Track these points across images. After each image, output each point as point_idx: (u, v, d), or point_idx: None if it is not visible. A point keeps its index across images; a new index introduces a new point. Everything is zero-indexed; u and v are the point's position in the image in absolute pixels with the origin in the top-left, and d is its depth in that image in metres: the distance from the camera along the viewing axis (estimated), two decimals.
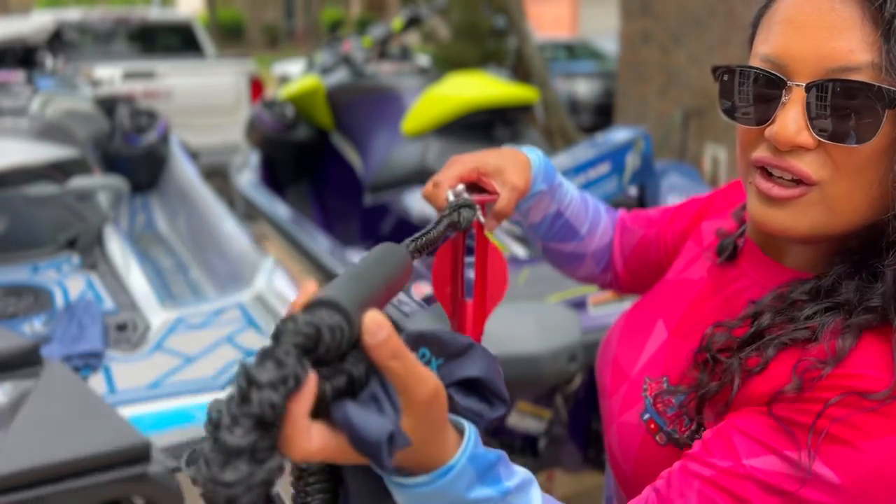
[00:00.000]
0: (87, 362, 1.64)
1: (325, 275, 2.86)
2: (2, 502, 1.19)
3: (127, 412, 1.47)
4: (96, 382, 1.59)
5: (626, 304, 1.02)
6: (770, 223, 0.64)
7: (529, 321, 1.87)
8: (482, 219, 0.77)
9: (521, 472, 0.57)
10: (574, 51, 11.13)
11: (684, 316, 0.79)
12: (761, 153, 0.64)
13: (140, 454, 1.30)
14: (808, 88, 0.60)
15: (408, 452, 0.49)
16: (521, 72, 7.00)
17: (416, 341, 0.54)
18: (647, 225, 0.98)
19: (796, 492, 0.57)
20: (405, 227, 2.74)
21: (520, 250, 2.31)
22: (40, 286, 2.08)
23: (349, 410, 0.45)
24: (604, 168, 2.27)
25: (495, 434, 0.82)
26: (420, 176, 2.88)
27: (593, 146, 2.32)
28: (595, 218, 0.97)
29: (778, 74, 0.62)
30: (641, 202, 2.37)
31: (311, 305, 0.45)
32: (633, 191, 2.42)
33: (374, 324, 0.45)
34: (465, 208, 0.74)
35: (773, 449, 0.59)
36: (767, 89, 0.63)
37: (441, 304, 0.78)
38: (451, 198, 0.75)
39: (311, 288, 0.49)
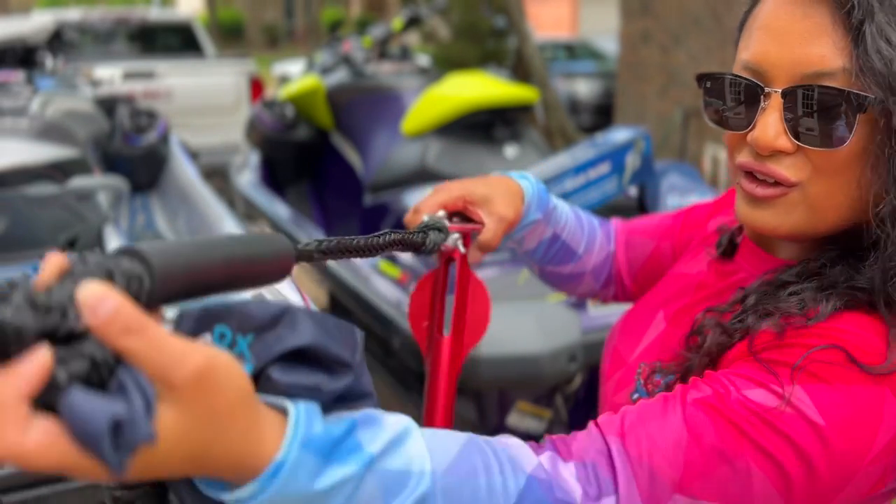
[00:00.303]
0: None
1: (326, 275, 2.87)
2: (2, 502, 1.19)
3: None
4: None
5: (627, 305, 1.02)
6: (756, 223, 0.67)
7: (529, 321, 1.87)
8: (462, 248, 0.76)
9: (390, 425, 0.48)
10: (574, 51, 11.13)
11: (682, 307, 0.80)
12: (744, 158, 0.66)
13: None
14: (784, 94, 0.62)
15: (208, 458, 0.40)
16: (521, 72, 7.00)
17: (208, 319, 0.43)
18: (660, 237, 0.97)
19: (783, 428, 0.57)
20: (405, 227, 2.74)
21: None
22: None
23: (73, 396, 0.34)
24: (604, 168, 2.27)
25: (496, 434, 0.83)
26: (420, 176, 2.88)
27: (593, 146, 2.32)
28: (591, 235, 0.97)
29: (756, 82, 0.64)
30: (641, 202, 2.37)
31: (113, 253, 0.38)
32: (633, 191, 2.42)
33: (93, 296, 0.35)
34: (434, 231, 0.72)
35: (762, 383, 0.59)
36: (748, 96, 0.65)
37: (417, 338, 0.76)
38: (425, 219, 0.74)
39: (57, 259, 0.40)
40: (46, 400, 0.34)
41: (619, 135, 2.38)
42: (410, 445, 0.49)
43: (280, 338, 0.44)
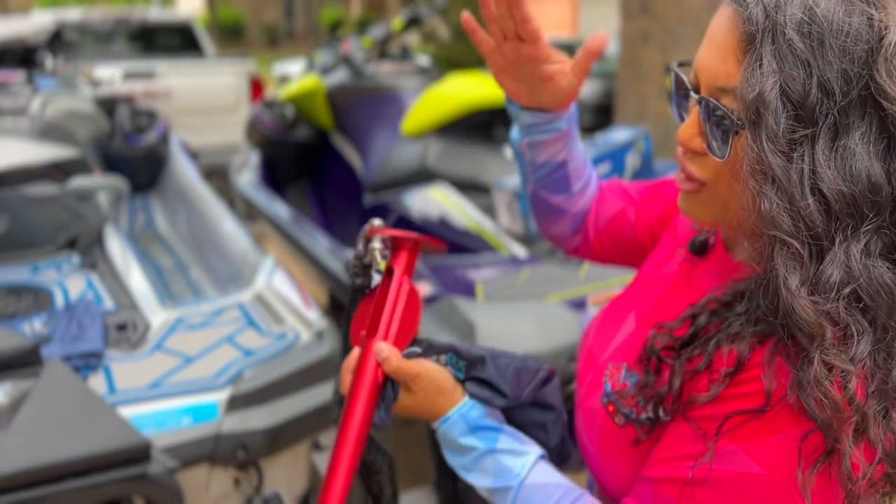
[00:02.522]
0: (87, 362, 1.64)
1: (326, 275, 2.86)
2: (2, 502, 1.19)
3: (127, 412, 1.47)
4: (96, 382, 1.59)
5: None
6: (680, 207, 0.73)
7: (529, 321, 1.88)
8: (379, 262, 0.84)
9: (522, 443, 0.78)
10: (574, 51, 11.06)
11: (652, 308, 0.83)
12: (679, 148, 0.71)
13: (140, 454, 1.30)
14: (698, 101, 0.66)
15: (420, 412, 0.80)
16: None
17: (445, 349, 0.82)
18: (627, 201, 1.01)
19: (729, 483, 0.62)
20: (405, 227, 2.74)
21: (520, 250, 2.32)
22: (40, 286, 2.08)
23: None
24: (604, 168, 2.27)
25: None
26: (420, 176, 2.88)
27: (593, 146, 2.32)
28: (588, 180, 1.02)
29: (687, 84, 0.69)
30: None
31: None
32: None
33: (381, 351, 0.79)
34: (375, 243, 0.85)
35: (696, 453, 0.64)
36: (684, 95, 0.71)
37: (356, 346, 0.83)
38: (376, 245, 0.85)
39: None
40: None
41: (619, 135, 2.38)
42: (525, 460, 0.77)
43: (476, 369, 0.81)
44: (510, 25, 0.84)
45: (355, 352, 0.82)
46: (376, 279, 0.85)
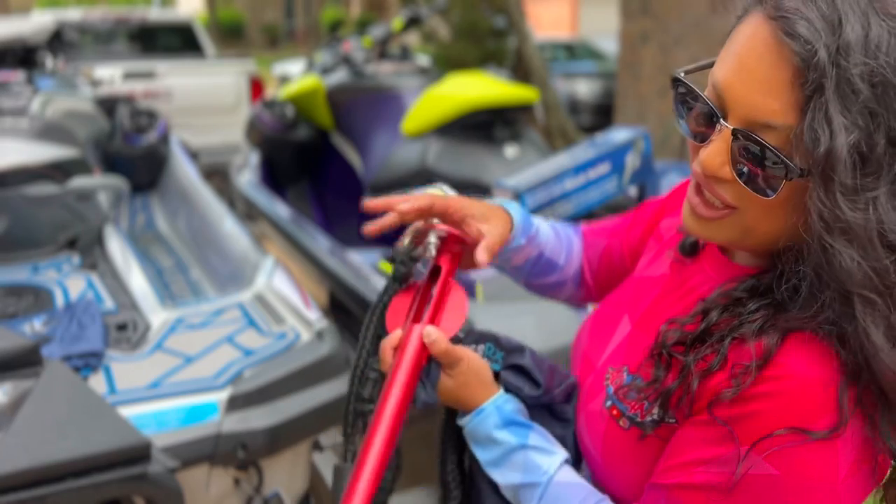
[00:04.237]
0: (87, 362, 1.64)
1: (326, 275, 2.86)
2: (2, 502, 1.19)
3: (127, 412, 1.47)
4: (96, 382, 1.59)
5: None
6: (691, 230, 0.72)
7: (529, 321, 1.88)
8: (434, 250, 0.84)
9: (554, 450, 0.79)
10: (574, 51, 11.12)
11: (647, 310, 0.83)
12: (696, 167, 0.68)
13: (140, 454, 1.30)
14: (734, 133, 0.63)
15: (457, 400, 0.80)
16: (521, 72, 6.99)
17: (483, 337, 0.85)
18: (610, 235, 1.02)
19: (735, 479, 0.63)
20: (405, 227, 2.74)
21: None
22: (40, 286, 2.08)
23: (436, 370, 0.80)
24: (604, 168, 2.27)
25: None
26: (420, 176, 2.88)
27: (593, 146, 2.32)
28: (568, 245, 1.02)
29: (715, 109, 0.65)
30: (641, 202, 2.37)
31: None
32: (633, 191, 2.42)
33: (429, 334, 0.78)
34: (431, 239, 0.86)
35: (716, 458, 0.64)
36: (707, 117, 0.67)
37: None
38: (432, 239, 0.86)
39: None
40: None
41: (618, 135, 2.38)
42: (554, 459, 0.78)
43: (514, 357, 0.84)
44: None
45: (398, 332, 0.80)
46: (418, 275, 0.86)
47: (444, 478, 0.89)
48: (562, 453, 0.79)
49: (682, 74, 0.71)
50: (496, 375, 0.84)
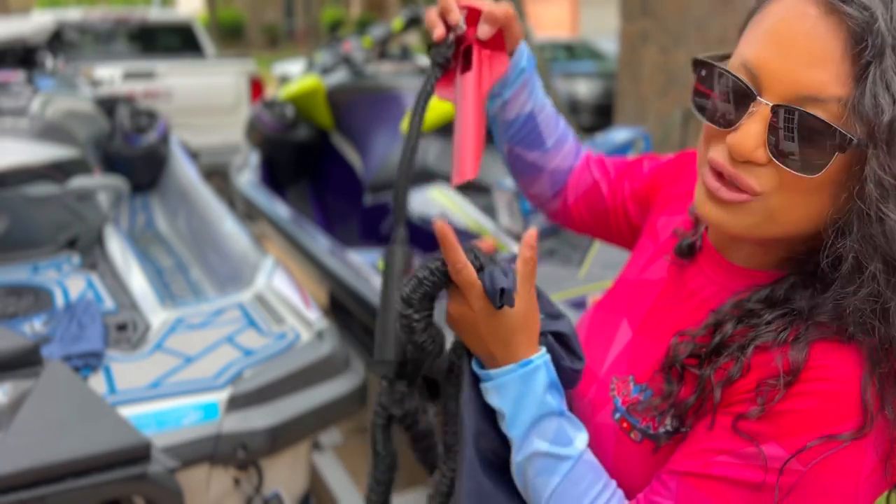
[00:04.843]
0: (87, 362, 1.64)
1: (326, 275, 2.86)
2: (2, 502, 1.19)
3: (127, 412, 1.47)
4: (96, 382, 1.59)
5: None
6: (709, 216, 0.68)
7: None
8: (464, 25, 0.85)
9: (582, 427, 0.74)
10: (574, 51, 11.13)
11: (647, 315, 0.81)
12: (718, 156, 0.66)
13: (140, 454, 1.30)
14: (774, 109, 0.61)
15: (490, 343, 0.72)
16: None
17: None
18: (602, 174, 1.01)
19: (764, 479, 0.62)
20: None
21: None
22: (40, 286, 2.08)
23: (491, 270, 0.72)
24: None
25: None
26: (420, 176, 2.88)
27: (593, 146, 2.32)
28: (562, 136, 1.01)
29: (750, 87, 0.62)
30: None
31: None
32: None
33: (529, 245, 0.74)
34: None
35: (746, 464, 0.63)
36: (738, 97, 0.64)
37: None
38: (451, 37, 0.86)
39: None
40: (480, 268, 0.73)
41: (619, 135, 2.38)
42: (583, 435, 0.73)
43: (555, 324, 0.77)
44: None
45: None
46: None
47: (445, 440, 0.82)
48: (586, 434, 0.74)
49: (704, 57, 0.69)
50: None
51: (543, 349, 0.74)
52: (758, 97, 0.62)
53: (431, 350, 0.78)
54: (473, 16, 0.87)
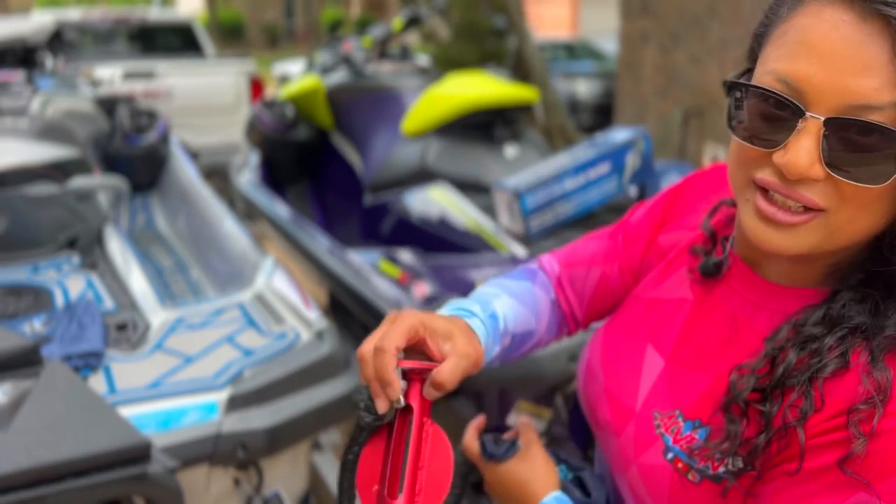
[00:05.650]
0: (87, 362, 1.64)
1: (326, 275, 2.86)
2: (2, 502, 1.19)
3: (127, 412, 1.47)
4: (96, 382, 1.59)
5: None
6: (769, 243, 0.64)
7: None
8: (403, 401, 0.68)
9: None
10: (574, 51, 11.13)
11: (679, 341, 0.77)
12: (767, 176, 0.63)
13: (140, 454, 1.30)
14: (826, 123, 0.58)
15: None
16: (521, 72, 7.00)
17: (560, 460, 0.91)
18: (602, 261, 0.94)
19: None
20: (405, 227, 2.74)
21: (520, 250, 2.31)
22: (40, 286, 2.08)
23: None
24: (604, 168, 2.27)
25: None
26: (420, 176, 2.88)
27: (593, 146, 2.32)
28: (535, 306, 0.92)
29: (796, 103, 0.60)
30: (641, 202, 2.37)
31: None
32: (633, 191, 2.42)
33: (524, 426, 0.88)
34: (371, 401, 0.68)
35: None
36: (781, 114, 0.61)
37: None
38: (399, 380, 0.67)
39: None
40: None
41: (619, 135, 2.38)
42: None
43: (579, 472, 0.92)
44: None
45: None
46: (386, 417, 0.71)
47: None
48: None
49: (737, 79, 0.66)
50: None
51: (555, 491, 0.83)
52: (806, 113, 0.59)
53: None
54: (417, 373, 0.71)
